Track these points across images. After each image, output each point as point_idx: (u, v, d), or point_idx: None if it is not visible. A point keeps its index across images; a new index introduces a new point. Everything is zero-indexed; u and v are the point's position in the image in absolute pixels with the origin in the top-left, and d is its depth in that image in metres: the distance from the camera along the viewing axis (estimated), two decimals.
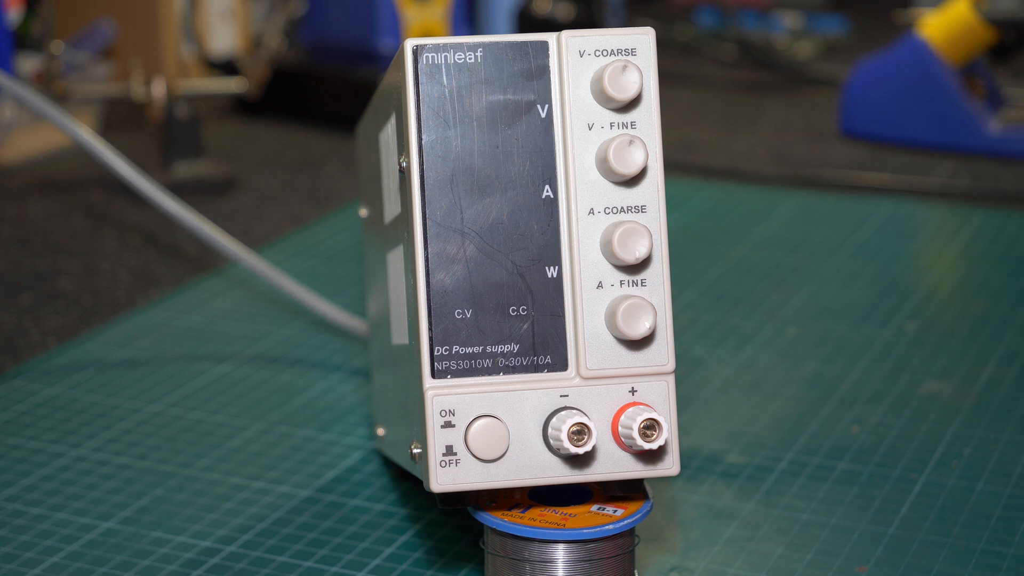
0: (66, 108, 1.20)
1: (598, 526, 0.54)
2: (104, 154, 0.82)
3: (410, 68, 0.52)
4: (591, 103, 0.53)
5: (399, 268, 0.57)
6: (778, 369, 0.80)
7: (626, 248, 0.52)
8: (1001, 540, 0.62)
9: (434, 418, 0.52)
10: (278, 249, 1.01)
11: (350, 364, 0.82)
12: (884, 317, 0.87)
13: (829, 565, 0.61)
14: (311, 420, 0.75)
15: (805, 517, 0.64)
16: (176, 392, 0.79)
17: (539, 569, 0.54)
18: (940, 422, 0.74)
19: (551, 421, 0.52)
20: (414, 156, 0.52)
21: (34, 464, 0.71)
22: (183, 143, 1.16)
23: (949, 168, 1.20)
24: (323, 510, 0.66)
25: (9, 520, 0.65)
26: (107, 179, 1.16)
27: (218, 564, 0.61)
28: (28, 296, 0.94)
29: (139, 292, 0.94)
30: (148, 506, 0.67)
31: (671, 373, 0.54)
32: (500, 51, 0.52)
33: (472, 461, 0.52)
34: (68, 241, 1.04)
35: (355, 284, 0.93)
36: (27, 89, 0.83)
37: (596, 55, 0.53)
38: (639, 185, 0.53)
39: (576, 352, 0.53)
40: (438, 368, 0.52)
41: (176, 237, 1.04)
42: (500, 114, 0.52)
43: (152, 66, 1.36)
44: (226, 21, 1.44)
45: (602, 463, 0.53)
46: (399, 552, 0.62)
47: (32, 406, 0.77)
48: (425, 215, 0.52)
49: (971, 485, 0.67)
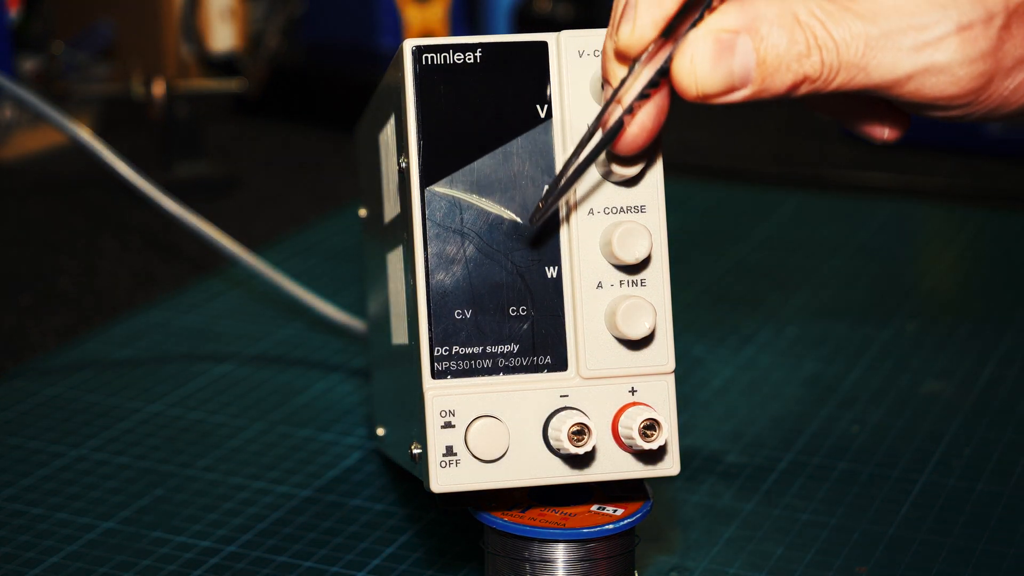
0: (66, 108, 1.20)
1: (598, 526, 0.54)
2: (104, 154, 0.82)
3: (410, 68, 0.52)
4: (591, 103, 0.53)
5: (399, 268, 0.57)
6: (778, 369, 0.80)
7: (626, 248, 0.52)
8: (1001, 540, 0.62)
9: (434, 418, 0.52)
10: (278, 249, 1.01)
11: (350, 364, 0.82)
12: (884, 317, 0.87)
13: (829, 565, 0.61)
14: (311, 420, 0.75)
15: (805, 517, 0.64)
16: (176, 392, 0.79)
17: (539, 569, 0.54)
18: (940, 422, 0.74)
19: (551, 421, 0.52)
20: (414, 156, 0.52)
21: (34, 464, 0.71)
22: (183, 143, 1.16)
23: (950, 168, 1.20)
24: (323, 510, 0.66)
25: (9, 520, 0.65)
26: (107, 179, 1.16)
27: (218, 564, 0.61)
28: (28, 296, 0.94)
29: (139, 292, 0.94)
30: (148, 506, 0.67)
31: (671, 373, 0.54)
32: (500, 51, 0.52)
33: (472, 461, 0.52)
34: (68, 241, 1.04)
35: (355, 284, 0.93)
36: (27, 89, 0.83)
37: (595, 55, 0.53)
38: (639, 185, 0.53)
39: (576, 352, 0.53)
40: (438, 368, 0.52)
41: (176, 237, 1.04)
42: (499, 114, 0.52)
43: (152, 66, 1.36)
44: (226, 21, 1.44)
45: (602, 463, 0.53)
46: (399, 552, 0.62)
47: (32, 406, 0.77)
48: (425, 215, 0.52)
49: (971, 485, 0.67)
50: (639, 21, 0.47)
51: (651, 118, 0.49)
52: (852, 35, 0.46)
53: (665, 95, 0.49)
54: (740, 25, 0.46)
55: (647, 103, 0.48)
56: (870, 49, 0.46)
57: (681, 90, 0.47)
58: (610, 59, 0.49)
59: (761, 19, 0.46)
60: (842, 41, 0.46)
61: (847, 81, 0.47)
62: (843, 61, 0.47)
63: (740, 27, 0.46)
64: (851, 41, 0.46)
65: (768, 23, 0.46)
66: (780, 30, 0.46)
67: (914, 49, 0.46)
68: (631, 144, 0.49)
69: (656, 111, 0.49)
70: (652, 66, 0.48)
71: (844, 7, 0.47)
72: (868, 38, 0.46)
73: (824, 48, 0.46)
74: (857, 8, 0.47)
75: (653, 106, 0.49)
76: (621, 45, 0.48)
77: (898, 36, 0.46)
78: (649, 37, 0.47)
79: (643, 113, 0.49)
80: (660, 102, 0.49)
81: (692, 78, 0.47)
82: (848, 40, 0.46)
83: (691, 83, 0.47)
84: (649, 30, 0.47)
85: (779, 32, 0.46)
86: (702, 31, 0.47)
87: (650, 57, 0.48)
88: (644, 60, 0.48)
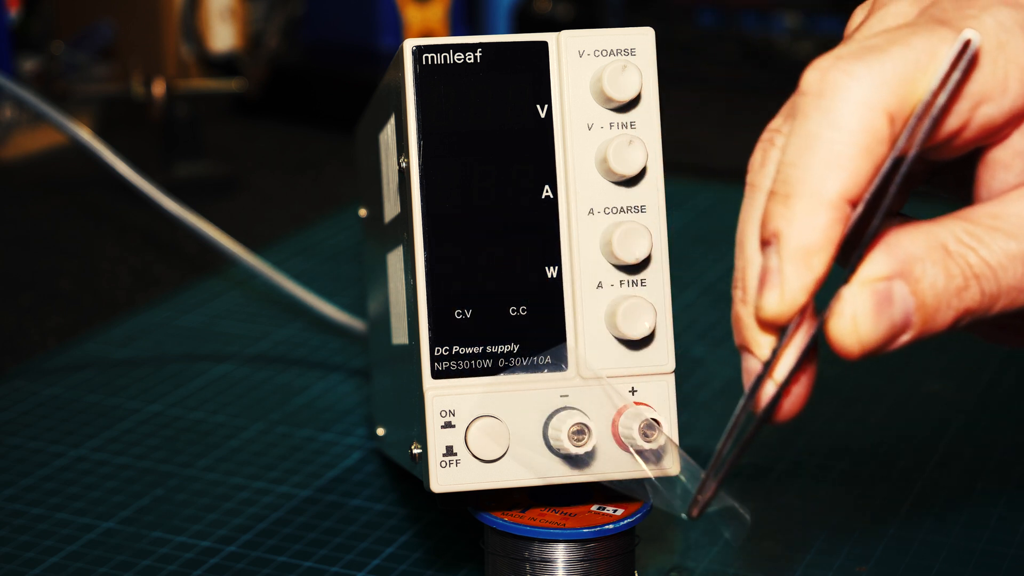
0: (66, 108, 1.20)
1: (598, 526, 0.54)
2: (104, 154, 0.82)
3: (410, 68, 0.52)
4: (591, 103, 0.53)
5: (399, 268, 0.57)
6: None
7: (626, 248, 0.52)
8: (1001, 540, 0.62)
9: (434, 418, 0.52)
10: (278, 249, 1.01)
11: (350, 364, 0.82)
12: None
13: (829, 565, 0.60)
14: (311, 420, 0.75)
15: (805, 517, 0.64)
16: (176, 392, 0.79)
17: (539, 569, 0.54)
18: (940, 422, 0.74)
19: (551, 421, 0.52)
20: (414, 156, 0.52)
21: (34, 464, 0.71)
22: (183, 143, 1.16)
23: None
24: (323, 510, 0.66)
25: (9, 520, 0.65)
26: (107, 179, 1.16)
27: (218, 564, 0.61)
28: (28, 296, 0.94)
29: (139, 292, 0.94)
30: (148, 506, 0.67)
31: (671, 373, 0.54)
32: (500, 51, 0.52)
33: (472, 461, 0.52)
34: (68, 241, 1.04)
35: (355, 284, 0.93)
36: (27, 89, 0.83)
37: (595, 55, 0.53)
38: (639, 185, 0.53)
39: (576, 352, 0.53)
40: (438, 368, 0.52)
41: (176, 237, 1.04)
42: (499, 114, 0.52)
43: (152, 66, 1.36)
44: (226, 21, 1.44)
45: (602, 463, 0.53)
46: (399, 552, 0.62)
47: (32, 406, 0.77)
48: (425, 215, 0.52)
49: (971, 485, 0.67)
50: (788, 287, 0.43)
51: (804, 387, 0.45)
52: (1008, 257, 0.43)
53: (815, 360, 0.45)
54: (893, 271, 0.43)
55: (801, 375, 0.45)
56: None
57: (842, 351, 0.43)
58: (749, 328, 0.45)
59: (913, 260, 0.43)
60: (999, 265, 0.43)
61: (1009, 304, 0.44)
62: (1003, 286, 0.43)
63: (893, 272, 0.43)
64: (1008, 264, 0.43)
65: (920, 262, 0.43)
66: (934, 267, 0.43)
67: None
68: (787, 416, 0.45)
69: (808, 379, 0.45)
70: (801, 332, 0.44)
71: (991, 228, 0.43)
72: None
73: (982, 277, 0.43)
74: (1005, 226, 0.43)
75: (805, 375, 0.45)
76: (769, 314, 0.44)
77: None
78: (801, 303, 0.43)
79: (797, 384, 0.45)
80: (811, 368, 0.45)
81: (855, 337, 0.43)
82: (1005, 263, 0.43)
83: (854, 342, 0.43)
84: (800, 295, 0.43)
85: (933, 269, 0.43)
86: (856, 286, 0.43)
87: (799, 324, 0.44)
88: (793, 327, 0.44)
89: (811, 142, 0.43)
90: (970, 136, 0.44)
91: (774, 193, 0.44)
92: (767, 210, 0.44)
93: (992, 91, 0.43)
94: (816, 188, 0.43)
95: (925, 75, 0.43)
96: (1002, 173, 0.45)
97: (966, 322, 0.44)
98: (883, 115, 0.43)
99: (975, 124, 0.44)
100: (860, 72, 0.43)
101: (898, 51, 0.43)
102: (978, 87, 0.43)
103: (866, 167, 0.43)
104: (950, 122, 0.44)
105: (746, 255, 0.46)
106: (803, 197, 0.43)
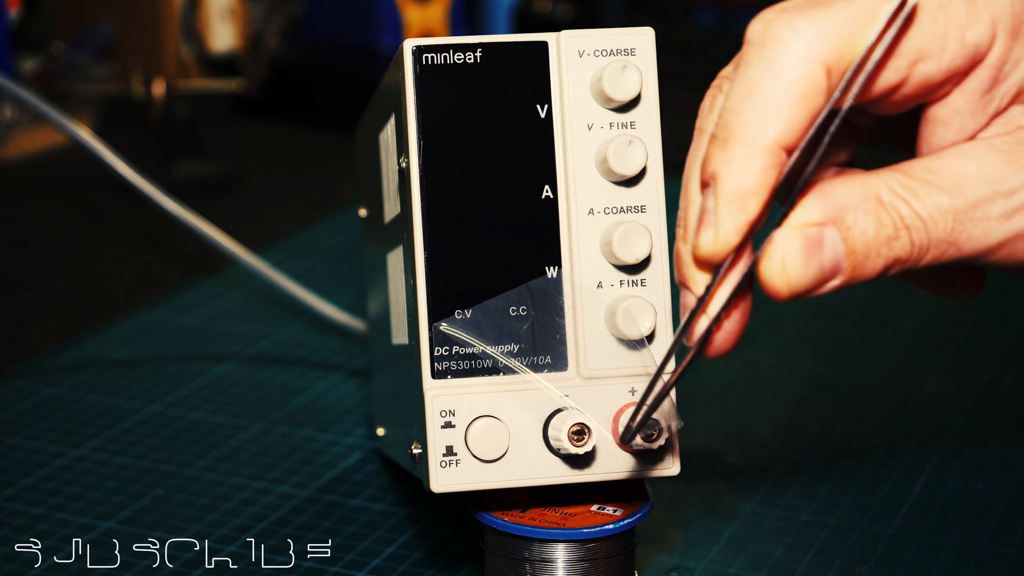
0: (66, 108, 1.20)
1: (598, 526, 0.54)
2: (104, 154, 0.82)
3: (410, 68, 0.52)
4: (591, 103, 0.53)
5: (399, 268, 0.57)
6: (778, 369, 0.80)
7: (626, 248, 0.52)
8: (1001, 540, 0.62)
9: (434, 418, 0.52)
10: (278, 249, 1.01)
11: (350, 364, 0.82)
12: (884, 317, 0.87)
13: (829, 565, 0.61)
14: (311, 420, 0.75)
15: (805, 517, 0.64)
16: (176, 392, 0.79)
17: (539, 569, 0.54)
18: (940, 422, 0.74)
19: (551, 421, 0.52)
20: (414, 156, 0.52)
21: (34, 464, 0.71)
22: (183, 143, 1.16)
23: None
24: (323, 510, 0.66)
25: (9, 520, 0.65)
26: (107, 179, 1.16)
27: (218, 564, 0.61)
28: (28, 296, 0.94)
29: (139, 292, 0.94)
30: (148, 506, 0.67)
31: (671, 373, 0.53)
32: (500, 51, 0.52)
33: (472, 461, 0.52)
34: (68, 241, 1.04)
35: (355, 284, 0.93)
36: (27, 89, 0.83)
37: (595, 55, 0.53)
38: (639, 185, 0.53)
39: (576, 352, 0.53)
40: (438, 368, 0.52)
41: (176, 237, 1.04)
42: (499, 114, 0.52)
43: (152, 66, 1.36)
44: (226, 21, 1.44)
45: (602, 463, 0.53)
46: (399, 552, 0.62)
47: (32, 406, 0.77)
48: (425, 215, 0.52)
49: (971, 485, 0.67)
50: (722, 227, 0.45)
51: (737, 323, 0.47)
52: (939, 210, 0.44)
53: (749, 297, 0.47)
54: (825, 217, 0.44)
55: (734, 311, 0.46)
56: (959, 223, 0.44)
57: (772, 291, 0.45)
58: (687, 265, 0.46)
59: (845, 207, 0.44)
60: (929, 218, 0.44)
61: (938, 257, 0.45)
62: (932, 238, 0.44)
63: (825, 219, 0.44)
64: (939, 217, 0.44)
65: (852, 210, 0.44)
66: (866, 216, 0.44)
67: (1004, 216, 0.44)
68: (718, 351, 0.47)
69: (742, 316, 0.47)
70: (735, 271, 0.45)
71: (926, 181, 0.44)
72: (956, 211, 0.44)
73: (912, 228, 0.44)
74: (939, 180, 0.44)
75: (738, 311, 0.47)
76: (704, 253, 0.45)
77: (986, 205, 0.44)
78: (733, 243, 0.45)
79: (730, 320, 0.46)
80: (744, 305, 0.47)
81: (784, 279, 0.44)
82: (935, 216, 0.44)
83: (783, 284, 0.44)
84: (733, 236, 0.45)
85: (865, 218, 0.44)
86: (787, 229, 0.44)
87: (733, 263, 0.45)
88: (727, 266, 0.45)
89: (751, 90, 0.45)
90: (909, 92, 0.45)
91: (715, 137, 0.45)
92: (707, 153, 0.46)
93: (931, 49, 0.44)
94: (753, 134, 0.44)
95: (865, 31, 0.44)
96: (941, 130, 0.46)
97: (895, 271, 0.45)
98: (821, 67, 0.44)
99: (913, 81, 0.45)
100: (802, 25, 0.44)
101: (841, 7, 0.44)
102: (917, 45, 0.44)
103: (802, 116, 0.44)
104: (887, 77, 0.45)
105: (689, 195, 0.47)
106: (740, 142, 0.44)
